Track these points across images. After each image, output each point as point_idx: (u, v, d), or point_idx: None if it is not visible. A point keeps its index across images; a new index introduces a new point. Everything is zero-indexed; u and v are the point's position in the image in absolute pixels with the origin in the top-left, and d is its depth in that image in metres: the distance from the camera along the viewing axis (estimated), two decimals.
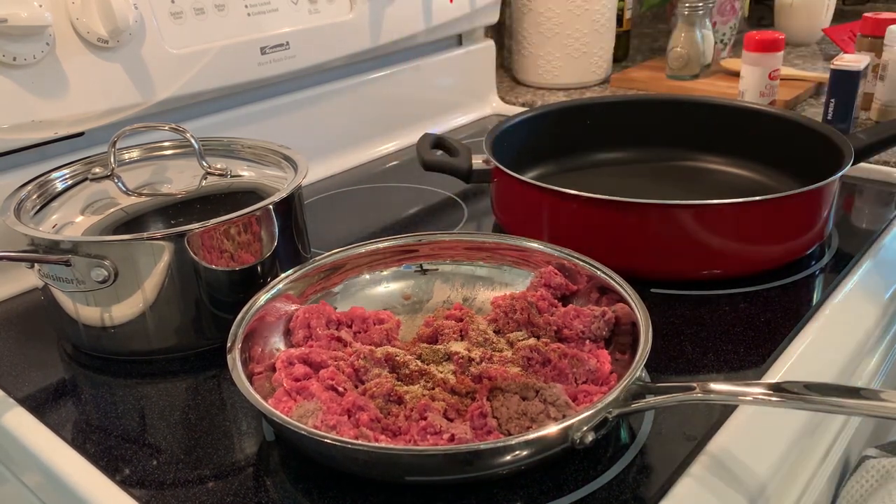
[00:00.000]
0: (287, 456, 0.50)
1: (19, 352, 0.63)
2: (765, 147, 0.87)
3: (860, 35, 1.10)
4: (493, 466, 0.44)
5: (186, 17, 0.80)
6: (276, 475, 0.49)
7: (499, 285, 0.63)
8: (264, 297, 0.57)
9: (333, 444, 0.44)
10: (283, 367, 0.53)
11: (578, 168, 0.91)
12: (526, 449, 0.44)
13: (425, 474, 0.46)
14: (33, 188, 0.66)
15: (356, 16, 0.95)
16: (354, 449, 0.44)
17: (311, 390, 0.50)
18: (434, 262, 0.65)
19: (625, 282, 0.56)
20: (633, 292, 0.55)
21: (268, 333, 0.56)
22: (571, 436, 0.44)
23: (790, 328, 0.62)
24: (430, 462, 0.44)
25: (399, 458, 0.44)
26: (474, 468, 0.44)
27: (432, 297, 0.64)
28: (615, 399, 0.46)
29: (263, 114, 0.91)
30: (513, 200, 0.75)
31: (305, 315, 0.57)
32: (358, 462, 0.45)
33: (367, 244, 0.64)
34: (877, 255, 0.74)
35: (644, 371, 0.48)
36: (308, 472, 0.49)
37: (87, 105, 0.73)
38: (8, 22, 0.64)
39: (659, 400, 0.47)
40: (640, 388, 0.48)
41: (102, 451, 0.51)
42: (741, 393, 0.44)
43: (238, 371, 0.49)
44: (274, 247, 0.63)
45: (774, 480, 0.50)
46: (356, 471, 0.47)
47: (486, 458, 0.44)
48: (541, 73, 1.27)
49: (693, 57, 1.22)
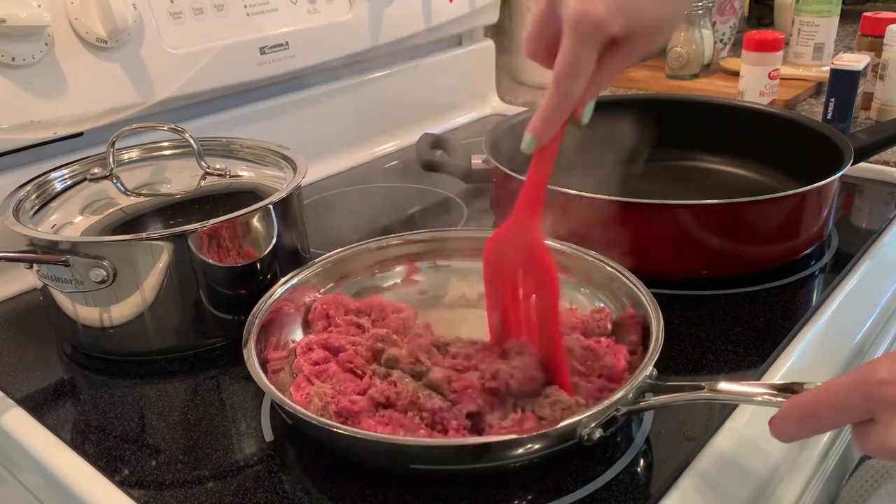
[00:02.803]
0: (287, 456, 0.50)
1: (18, 352, 0.63)
2: (764, 147, 0.87)
3: (860, 34, 1.10)
4: (502, 459, 0.45)
5: (185, 17, 0.79)
6: (276, 475, 0.48)
7: None
8: (280, 290, 0.58)
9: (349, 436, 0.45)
10: (303, 352, 0.54)
11: (578, 168, 0.91)
12: (534, 443, 0.44)
13: (434, 463, 0.46)
14: (32, 188, 0.65)
15: (356, 16, 0.95)
16: (366, 440, 0.44)
17: (329, 373, 0.51)
18: (447, 259, 0.65)
19: (637, 279, 0.56)
20: (645, 290, 0.55)
21: (285, 326, 0.57)
22: (580, 432, 0.44)
23: (790, 328, 0.62)
24: (441, 453, 0.45)
25: (409, 448, 0.45)
26: (483, 460, 0.45)
27: (447, 292, 0.64)
28: (624, 396, 0.46)
29: (263, 114, 0.91)
30: (512, 200, 0.75)
31: (324, 306, 0.58)
32: (369, 452, 0.46)
33: (379, 240, 0.65)
34: (877, 255, 0.74)
35: (654, 369, 0.48)
36: (308, 472, 0.49)
37: (86, 105, 0.73)
38: (6, 22, 0.64)
39: (667, 398, 0.47)
40: (650, 386, 0.48)
41: (101, 452, 0.51)
42: (749, 393, 0.44)
43: (253, 362, 0.50)
44: (273, 247, 0.63)
45: (774, 480, 0.50)
46: (366, 460, 0.48)
47: (495, 451, 0.44)
48: (541, 72, 1.25)
49: (693, 56, 1.22)
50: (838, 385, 0.38)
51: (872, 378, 0.36)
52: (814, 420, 0.39)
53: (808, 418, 0.39)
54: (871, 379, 0.36)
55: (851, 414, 0.37)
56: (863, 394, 0.36)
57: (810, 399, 0.39)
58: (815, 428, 0.40)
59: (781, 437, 0.41)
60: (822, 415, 0.38)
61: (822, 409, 0.38)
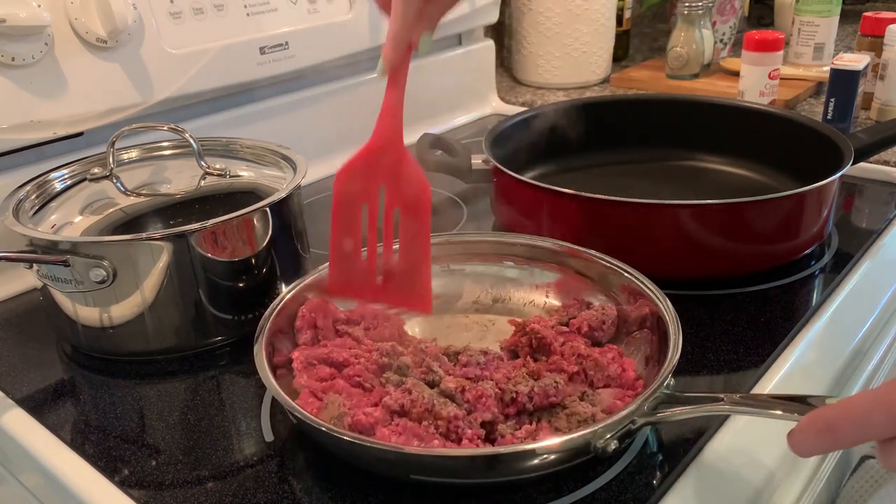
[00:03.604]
0: (287, 456, 0.50)
1: (18, 352, 0.63)
2: (764, 147, 0.87)
3: (860, 35, 1.10)
4: (514, 472, 0.44)
5: (185, 17, 0.79)
6: (276, 475, 0.48)
7: (528, 287, 0.63)
8: (290, 294, 0.57)
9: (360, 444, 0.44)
10: (304, 368, 0.52)
11: (578, 168, 0.91)
12: (546, 455, 0.44)
13: (441, 475, 0.45)
14: (32, 188, 0.65)
15: (355, 16, 0.95)
16: (375, 448, 0.44)
17: (337, 388, 0.50)
18: (461, 263, 0.65)
19: (655, 286, 0.55)
20: (663, 297, 0.54)
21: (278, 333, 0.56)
22: (594, 444, 0.43)
23: (790, 328, 0.62)
24: (451, 465, 0.44)
25: (417, 458, 0.44)
26: (495, 473, 0.44)
27: (462, 296, 0.64)
28: (639, 408, 0.45)
29: (263, 114, 0.91)
30: (512, 200, 0.75)
31: (311, 315, 0.56)
32: (375, 460, 0.45)
33: None
34: (877, 255, 0.74)
35: (672, 379, 0.47)
36: (307, 472, 0.49)
37: (86, 105, 0.73)
38: (6, 22, 0.64)
39: (686, 410, 0.46)
40: (667, 397, 0.46)
41: (101, 452, 0.51)
42: (770, 406, 0.43)
43: (263, 365, 0.49)
44: (273, 247, 0.63)
45: (774, 480, 0.49)
46: (372, 468, 0.47)
47: (508, 462, 0.43)
48: (540, 72, 1.27)
49: (693, 57, 1.22)
50: (861, 400, 0.36)
51: None
52: (834, 434, 0.37)
53: (828, 432, 0.37)
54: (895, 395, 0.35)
55: (874, 430, 0.36)
56: (886, 410, 0.35)
57: (831, 413, 0.37)
58: (836, 443, 0.38)
59: (800, 452, 0.39)
60: (843, 429, 0.37)
61: (843, 423, 0.37)
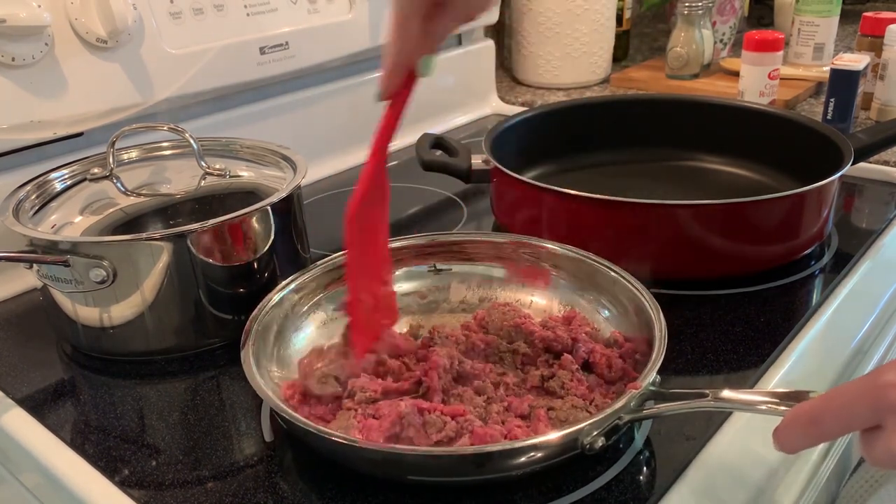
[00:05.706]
0: (286, 456, 0.50)
1: (18, 352, 0.63)
2: (764, 147, 0.87)
3: (860, 35, 1.10)
4: (503, 469, 0.44)
5: (185, 17, 0.79)
6: (276, 476, 0.48)
7: (515, 286, 0.63)
8: (277, 296, 0.57)
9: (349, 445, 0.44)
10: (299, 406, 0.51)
11: (578, 168, 0.91)
12: (534, 453, 0.44)
13: (433, 475, 0.46)
14: (32, 188, 0.65)
15: (356, 16, 0.95)
16: (363, 449, 0.44)
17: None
18: (447, 262, 0.65)
19: (641, 284, 0.56)
20: (649, 295, 0.54)
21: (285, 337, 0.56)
22: (581, 440, 0.44)
23: (790, 328, 0.62)
24: (441, 463, 0.44)
25: (407, 458, 0.44)
26: (485, 470, 0.44)
27: (449, 297, 0.64)
28: (626, 405, 0.45)
29: (263, 114, 0.91)
30: (512, 200, 0.75)
31: None
32: (366, 461, 0.46)
33: None
34: (876, 255, 0.74)
35: (657, 376, 0.48)
36: (307, 472, 0.49)
37: (86, 105, 0.73)
38: (6, 22, 0.64)
39: (671, 406, 0.46)
40: (652, 393, 0.47)
41: (101, 452, 0.51)
42: (753, 401, 0.43)
43: (251, 367, 0.49)
44: (273, 247, 0.63)
45: (774, 480, 0.50)
46: (366, 470, 0.47)
47: (495, 460, 0.44)
48: (540, 72, 1.27)
49: (693, 57, 1.22)
50: (844, 391, 0.37)
51: (879, 383, 0.35)
52: (819, 427, 0.37)
53: (813, 425, 0.38)
54: (877, 383, 0.35)
55: (858, 420, 0.36)
56: (869, 399, 0.35)
57: (815, 406, 0.38)
58: (821, 436, 0.38)
59: (786, 448, 0.39)
60: (828, 421, 0.37)
61: (827, 415, 0.37)
